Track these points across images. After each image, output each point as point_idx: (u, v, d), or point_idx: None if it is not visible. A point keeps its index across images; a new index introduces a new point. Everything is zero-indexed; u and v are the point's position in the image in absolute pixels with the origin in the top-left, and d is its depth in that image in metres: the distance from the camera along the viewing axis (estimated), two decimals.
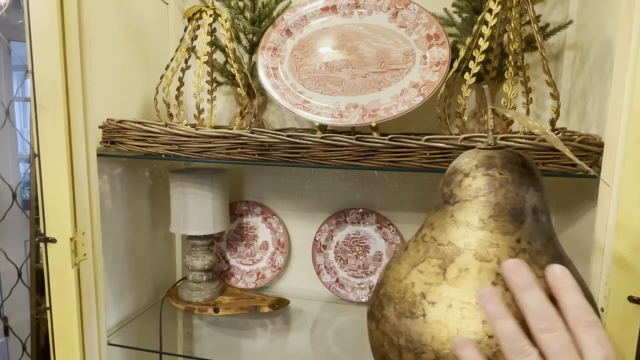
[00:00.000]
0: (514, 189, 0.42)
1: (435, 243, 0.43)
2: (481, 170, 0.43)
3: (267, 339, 1.13)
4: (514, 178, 0.42)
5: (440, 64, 0.75)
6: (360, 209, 1.02)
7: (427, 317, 0.40)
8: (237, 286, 1.08)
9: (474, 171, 0.43)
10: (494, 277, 0.39)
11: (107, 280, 0.88)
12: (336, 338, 1.02)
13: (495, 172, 0.42)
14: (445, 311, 0.39)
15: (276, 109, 1.05)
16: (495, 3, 0.69)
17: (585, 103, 0.77)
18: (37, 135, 0.68)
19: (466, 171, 0.44)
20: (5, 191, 1.58)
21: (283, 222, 1.07)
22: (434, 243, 0.43)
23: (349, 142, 0.69)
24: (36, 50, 0.66)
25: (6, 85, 1.81)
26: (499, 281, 0.39)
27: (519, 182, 0.42)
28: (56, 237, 0.70)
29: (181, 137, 0.76)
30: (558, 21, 0.84)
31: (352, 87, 0.79)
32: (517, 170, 0.42)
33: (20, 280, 0.78)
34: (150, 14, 0.98)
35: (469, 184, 0.43)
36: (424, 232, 0.45)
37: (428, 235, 0.45)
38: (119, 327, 0.93)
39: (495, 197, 0.42)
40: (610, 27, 0.67)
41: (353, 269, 1.03)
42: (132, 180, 0.96)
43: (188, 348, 1.18)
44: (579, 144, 0.61)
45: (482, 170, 0.43)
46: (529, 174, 0.43)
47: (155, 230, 1.05)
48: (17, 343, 1.70)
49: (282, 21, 0.86)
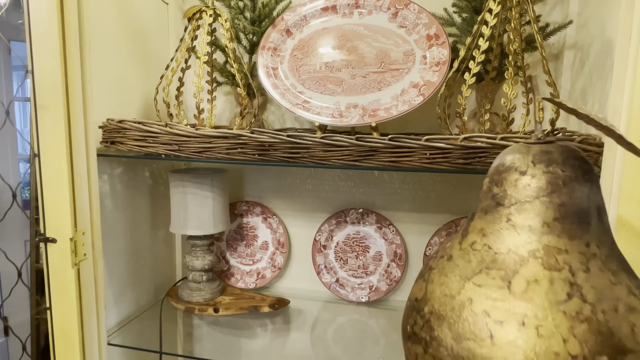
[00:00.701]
0: (578, 187, 0.37)
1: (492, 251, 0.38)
2: (540, 168, 0.38)
3: (267, 339, 1.13)
4: (577, 175, 0.37)
5: (440, 64, 0.75)
6: (360, 209, 1.02)
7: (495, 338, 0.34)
8: (237, 286, 1.08)
9: (532, 168, 0.38)
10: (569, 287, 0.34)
11: (107, 280, 0.88)
12: (336, 338, 1.02)
13: (557, 169, 0.37)
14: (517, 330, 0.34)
15: (276, 109, 1.05)
16: (495, 3, 0.69)
17: (585, 103, 0.77)
18: (37, 135, 0.68)
19: (522, 169, 0.38)
20: (5, 191, 1.57)
21: (283, 222, 1.07)
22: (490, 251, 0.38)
23: (349, 142, 0.69)
24: (36, 50, 0.66)
25: (6, 85, 1.81)
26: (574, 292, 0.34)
27: (582, 179, 0.37)
28: (56, 237, 0.70)
29: (181, 137, 0.76)
30: (558, 21, 0.84)
31: (352, 87, 0.79)
32: (578, 167, 0.38)
33: (20, 280, 0.78)
34: (150, 14, 0.98)
35: (527, 183, 0.38)
36: (472, 239, 0.40)
37: (479, 243, 0.39)
38: (119, 327, 0.93)
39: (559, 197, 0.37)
40: (610, 27, 0.67)
41: (353, 269, 1.03)
42: (132, 180, 0.96)
43: (188, 348, 1.18)
44: (579, 144, 0.61)
45: (542, 167, 0.38)
46: (589, 170, 0.38)
47: (155, 230, 1.05)
48: (17, 343, 1.70)
49: (282, 21, 0.86)
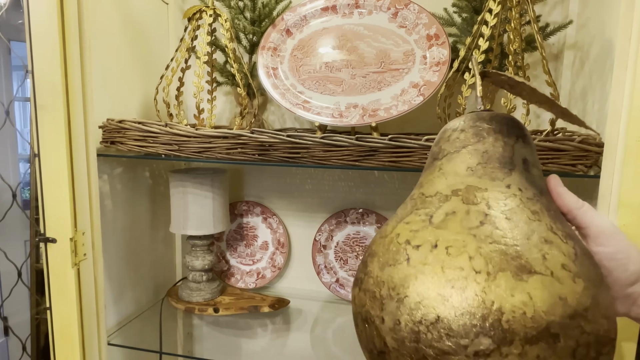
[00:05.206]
0: (502, 138, 0.41)
1: (423, 197, 0.42)
2: (469, 124, 0.43)
3: (267, 339, 1.13)
4: (501, 128, 0.42)
5: (440, 64, 0.75)
6: (360, 209, 1.02)
7: (410, 260, 0.38)
8: (237, 286, 1.08)
9: (463, 125, 0.43)
10: (483, 217, 0.38)
11: (107, 280, 0.88)
12: (336, 338, 1.02)
13: (483, 124, 0.42)
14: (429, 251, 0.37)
15: (276, 109, 1.05)
16: (495, 3, 0.69)
17: (585, 103, 0.77)
18: (37, 135, 0.68)
19: (454, 127, 0.44)
20: (5, 191, 1.57)
21: (283, 222, 1.07)
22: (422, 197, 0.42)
23: (349, 142, 0.69)
24: (36, 50, 0.66)
25: (6, 85, 1.81)
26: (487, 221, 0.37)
27: (507, 132, 0.42)
28: (56, 237, 0.70)
29: (181, 137, 0.76)
30: (558, 21, 0.84)
31: (352, 87, 0.79)
32: (505, 123, 0.42)
33: (20, 280, 0.78)
34: (150, 14, 0.98)
35: (457, 136, 0.43)
36: (412, 193, 0.45)
37: (417, 193, 0.44)
38: (119, 327, 0.93)
39: (483, 145, 0.41)
40: (610, 27, 0.67)
41: (353, 269, 1.03)
42: (132, 180, 0.96)
43: (188, 348, 1.18)
44: (579, 144, 0.61)
45: (470, 123, 0.43)
46: (517, 127, 0.42)
47: (155, 230, 1.05)
48: (17, 343, 1.70)
49: (282, 21, 0.86)
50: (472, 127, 0.42)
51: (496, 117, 0.43)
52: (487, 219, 0.37)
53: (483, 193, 0.39)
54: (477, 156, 0.41)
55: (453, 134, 0.43)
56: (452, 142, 0.43)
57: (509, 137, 0.41)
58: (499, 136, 0.41)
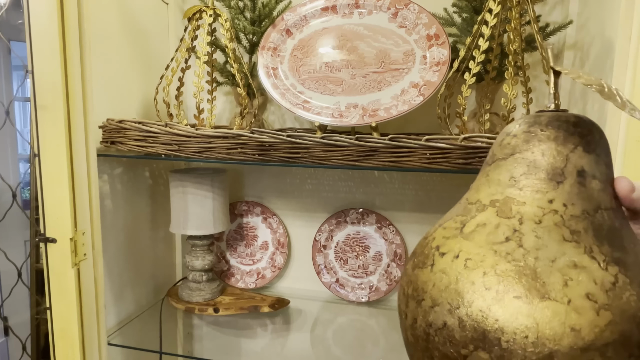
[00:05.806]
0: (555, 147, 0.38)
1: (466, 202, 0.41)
2: (523, 128, 0.40)
3: (267, 339, 1.13)
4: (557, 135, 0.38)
5: (440, 64, 0.75)
6: (360, 209, 1.02)
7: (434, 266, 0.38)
8: (237, 286, 1.08)
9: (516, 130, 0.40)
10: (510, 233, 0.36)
11: (107, 280, 0.88)
12: (336, 338, 1.02)
13: (537, 129, 0.39)
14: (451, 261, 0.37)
15: (276, 109, 1.05)
16: (495, 3, 0.69)
17: (585, 103, 0.77)
18: (37, 135, 0.68)
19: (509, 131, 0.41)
20: (5, 191, 1.57)
21: (283, 222, 1.07)
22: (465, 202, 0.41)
23: (349, 142, 0.69)
24: (36, 50, 0.66)
25: (6, 85, 1.81)
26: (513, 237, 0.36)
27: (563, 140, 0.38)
28: (56, 237, 0.70)
29: (181, 137, 0.76)
30: (558, 21, 0.84)
31: (352, 87, 0.79)
32: (564, 128, 0.38)
33: (20, 280, 0.78)
34: (150, 14, 0.98)
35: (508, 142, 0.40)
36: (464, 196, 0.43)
37: (463, 197, 0.43)
38: (119, 327, 0.93)
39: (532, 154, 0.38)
40: (610, 27, 0.67)
41: (353, 269, 1.03)
42: (132, 180, 0.96)
43: (188, 348, 1.18)
44: None
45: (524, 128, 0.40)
46: (580, 133, 0.39)
47: (155, 230, 1.05)
48: (17, 343, 1.70)
49: (282, 21, 0.86)
50: (525, 133, 0.39)
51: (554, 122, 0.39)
52: (515, 235, 0.36)
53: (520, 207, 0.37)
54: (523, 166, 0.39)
55: (506, 138, 0.41)
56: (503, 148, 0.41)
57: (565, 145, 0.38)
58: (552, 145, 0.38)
